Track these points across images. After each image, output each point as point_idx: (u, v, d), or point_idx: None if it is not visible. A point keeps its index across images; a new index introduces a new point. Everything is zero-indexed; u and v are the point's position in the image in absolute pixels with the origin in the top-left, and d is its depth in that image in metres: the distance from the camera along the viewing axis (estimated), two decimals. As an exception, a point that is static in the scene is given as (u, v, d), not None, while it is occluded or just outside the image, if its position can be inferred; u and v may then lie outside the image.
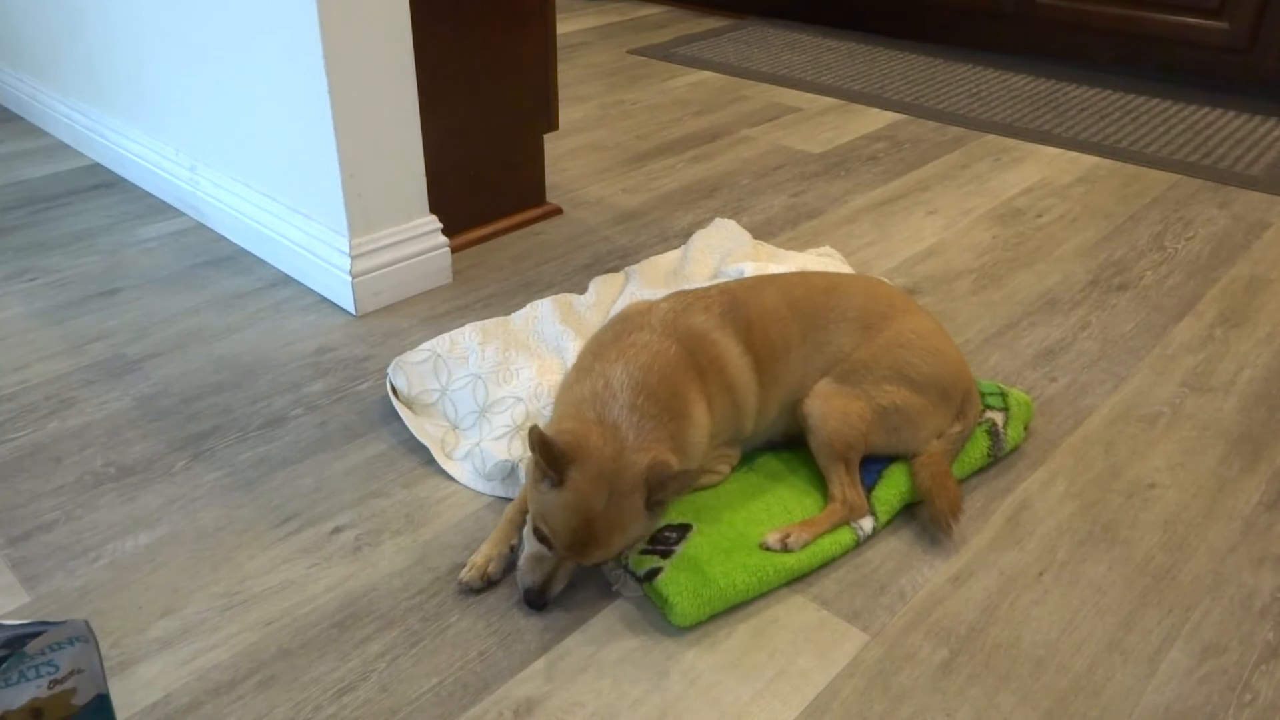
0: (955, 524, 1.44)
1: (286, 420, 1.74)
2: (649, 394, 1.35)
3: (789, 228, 2.47)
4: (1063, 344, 1.97)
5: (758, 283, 1.63)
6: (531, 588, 1.29)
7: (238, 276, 2.23)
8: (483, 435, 1.63)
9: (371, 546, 1.46)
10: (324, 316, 2.07)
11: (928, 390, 1.51)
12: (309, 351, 1.95)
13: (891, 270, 2.26)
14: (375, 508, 1.54)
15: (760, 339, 1.50)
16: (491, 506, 1.54)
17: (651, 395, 1.35)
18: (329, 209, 2.05)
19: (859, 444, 1.48)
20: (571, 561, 1.29)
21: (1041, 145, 2.99)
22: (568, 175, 2.81)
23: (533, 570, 1.29)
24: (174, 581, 1.39)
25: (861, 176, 2.79)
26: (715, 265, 2.13)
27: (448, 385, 1.73)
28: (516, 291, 2.17)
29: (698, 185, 2.74)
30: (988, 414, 1.63)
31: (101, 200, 2.62)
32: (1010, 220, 2.51)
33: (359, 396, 1.81)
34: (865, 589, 1.38)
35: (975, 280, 2.21)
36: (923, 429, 1.51)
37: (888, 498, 1.49)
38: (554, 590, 1.30)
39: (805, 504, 1.48)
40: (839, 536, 1.42)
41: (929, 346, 1.52)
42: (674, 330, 1.46)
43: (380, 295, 2.10)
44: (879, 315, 1.54)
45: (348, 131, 1.94)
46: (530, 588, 1.29)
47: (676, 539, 1.39)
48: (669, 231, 2.46)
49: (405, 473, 1.61)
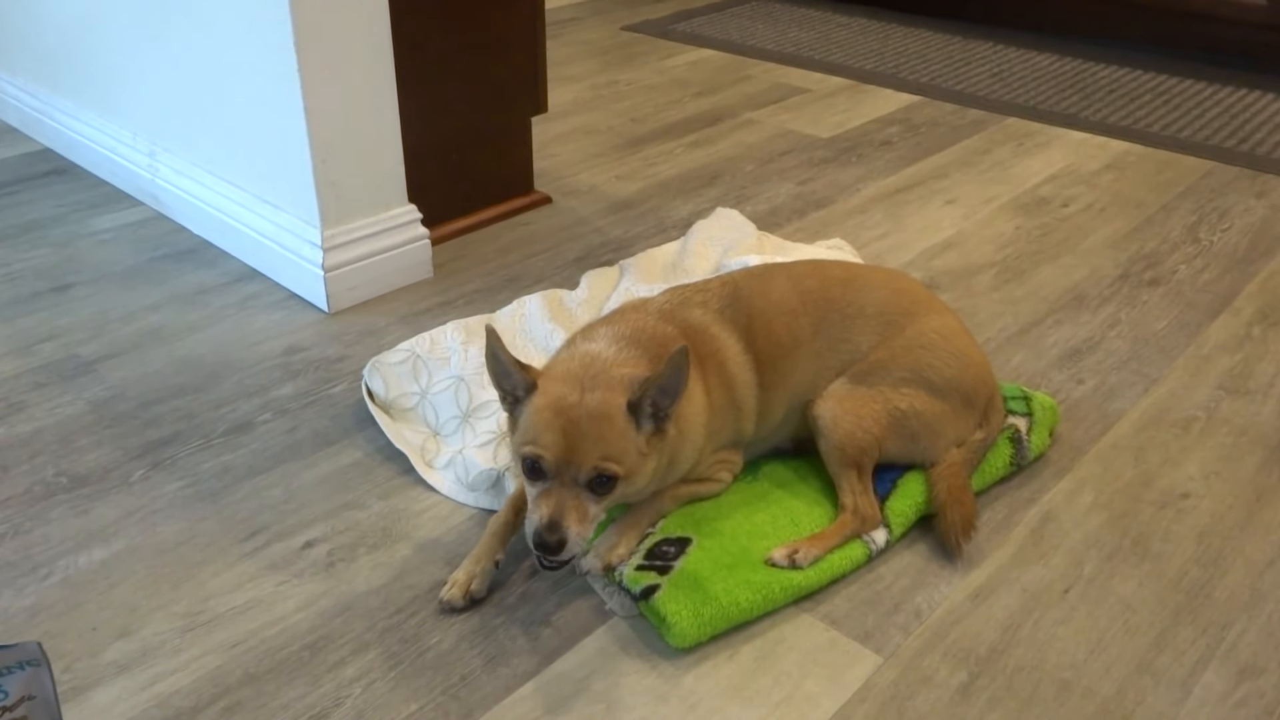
0: (966, 542, 1.44)
1: (253, 426, 1.74)
2: (637, 344, 1.38)
3: (796, 218, 2.47)
4: (1090, 343, 1.97)
5: (766, 272, 1.62)
6: (541, 526, 1.24)
7: (200, 271, 2.22)
8: (466, 442, 1.63)
9: (345, 562, 1.45)
10: (294, 314, 2.07)
11: (949, 395, 1.51)
12: (278, 352, 1.94)
13: (907, 264, 2.26)
14: (349, 520, 1.53)
15: (763, 334, 1.50)
16: (475, 519, 1.53)
17: (640, 346, 1.38)
18: (299, 198, 2.05)
19: (872, 450, 1.48)
20: (571, 485, 1.25)
21: (1067, 129, 2.99)
22: (557, 161, 2.80)
23: (537, 508, 1.26)
24: (131, 600, 1.39)
25: (874, 163, 2.78)
26: (717, 258, 2.13)
27: (428, 388, 1.73)
28: (502, 287, 2.16)
29: (698, 172, 2.73)
30: (1011, 419, 1.63)
31: (53, 188, 2.60)
32: (1034, 210, 2.51)
33: (332, 400, 1.80)
34: (878, 607, 1.38)
35: (996, 275, 2.22)
36: (942, 436, 1.52)
37: (902, 509, 1.48)
38: (569, 531, 1.24)
39: (814, 515, 1.48)
40: (850, 551, 1.43)
41: (953, 348, 1.52)
42: (671, 319, 1.47)
43: (355, 291, 2.09)
44: (901, 312, 1.54)
45: (319, 113, 1.94)
46: (540, 528, 1.24)
47: (675, 554, 1.39)
48: (667, 222, 2.45)
49: (382, 483, 1.61)
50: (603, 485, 1.27)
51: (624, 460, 1.28)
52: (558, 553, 1.25)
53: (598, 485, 1.27)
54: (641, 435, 1.30)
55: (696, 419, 1.41)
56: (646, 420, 1.30)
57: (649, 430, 1.31)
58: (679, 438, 1.38)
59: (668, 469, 1.40)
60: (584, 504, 1.27)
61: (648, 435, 1.30)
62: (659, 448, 1.33)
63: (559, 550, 1.25)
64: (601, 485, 1.27)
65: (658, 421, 1.31)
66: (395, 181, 2.11)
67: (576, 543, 1.26)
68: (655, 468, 1.35)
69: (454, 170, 2.36)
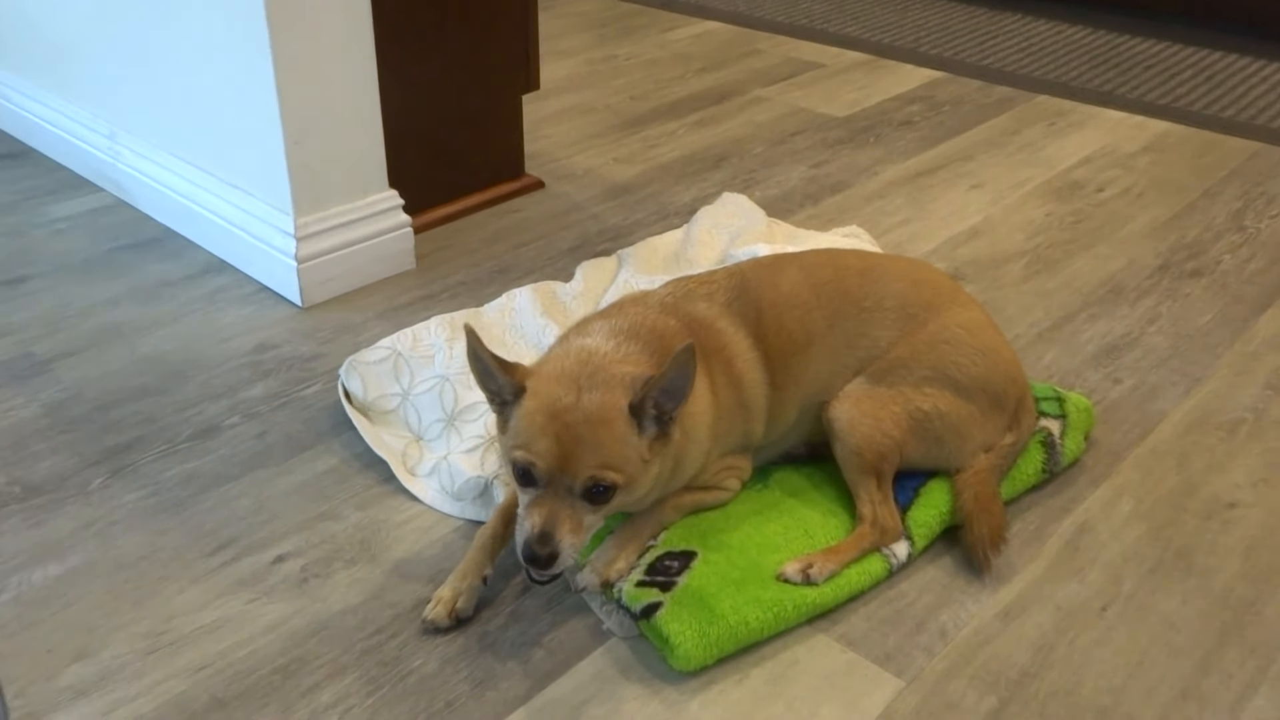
0: (995, 555, 1.44)
1: (220, 430, 1.73)
2: (638, 340, 1.38)
3: (809, 204, 2.46)
4: (1128, 339, 1.96)
5: (776, 262, 1.62)
6: (531, 537, 1.23)
7: (164, 262, 2.22)
8: (451, 447, 1.63)
9: (320, 578, 1.45)
10: (264, 308, 2.06)
11: (976, 395, 1.50)
12: (247, 349, 1.94)
13: (929, 253, 2.26)
14: (325, 533, 1.53)
15: (774, 329, 1.49)
16: (461, 531, 1.53)
17: (641, 340, 1.38)
18: (271, 183, 2.04)
19: (893, 455, 1.48)
20: (565, 494, 1.25)
21: (1102, 108, 2.99)
22: (550, 143, 2.79)
23: (529, 516, 1.25)
24: (89, 620, 1.38)
25: (893, 144, 2.78)
26: (723, 248, 2.13)
27: (410, 389, 1.72)
28: (490, 279, 2.16)
29: (703, 154, 2.73)
30: (1042, 422, 1.62)
31: (6, 174, 2.60)
32: (1067, 195, 2.50)
33: (305, 402, 1.80)
34: (899, 627, 1.37)
35: (1027, 265, 2.21)
36: (969, 440, 1.51)
37: (926, 519, 1.48)
38: (561, 544, 1.23)
39: (830, 527, 1.48)
40: (869, 565, 1.42)
41: (980, 344, 1.52)
42: (674, 313, 1.46)
43: (330, 283, 2.09)
44: (923, 305, 1.53)
45: (292, 91, 1.93)
46: (530, 539, 1.23)
47: (678, 569, 1.38)
48: (669, 208, 2.45)
49: (360, 491, 1.61)
50: (600, 494, 1.26)
51: (623, 468, 1.27)
52: (549, 566, 1.24)
53: (594, 494, 1.26)
54: (643, 440, 1.29)
55: (702, 421, 1.40)
56: (649, 424, 1.29)
57: (651, 435, 1.30)
58: (683, 441, 1.37)
59: (670, 476, 1.39)
60: (579, 514, 1.26)
61: (650, 440, 1.30)
62: (662, 453, 1.32)
63: (550, 563, 1.24)
64: (598, 494, 1.26)
65: (661, 425, 1.30)
66: (374, 165, 2.10)
67: (570, 555, 1.25)
68: (657, 475, 1.34)
69: (438, 153, 2.35)
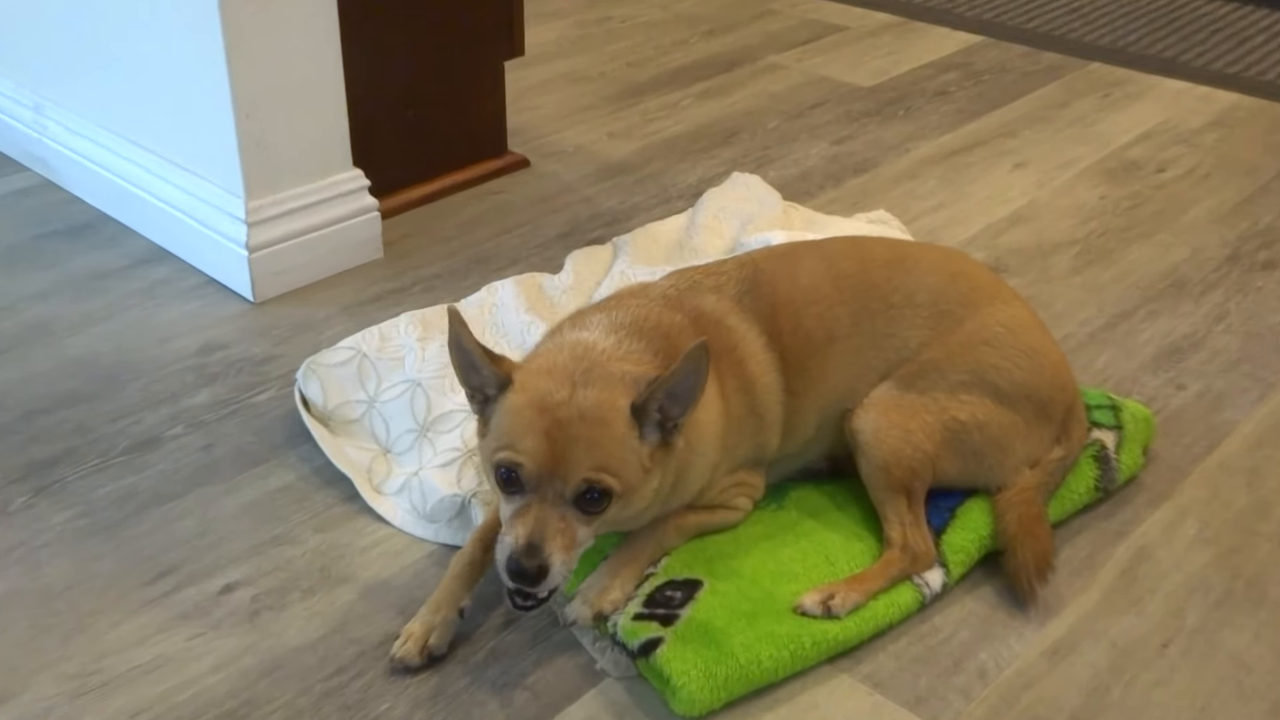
0: (1041, 585, 1.44)
1: (161, 442, 1.73)
2: (640, 336, 1.38)
3: (831, 185, 2.46)
4: (1193, 340, 1.97)
5: (792, 251, 1.61)
6: (518, 550, 1.22)
7: (98, 251, 2.21)
8: (423, 461, 1.63)
9: (274, 611, 1.45)
10: (211, 304, 2.06)
11: (1020, 403, 1.50)
12: (191, 350, 1.94)
13: (967, 242, 2.26)
14: (279, 559, 1.53)
15: (790, 327, 1.49)
16: (435, 557, 1.53)
17: (644, 338, 1.38)
18: (218, 161, 2.04)
19: (925, 471, 1.48)
20: (555, 501, 1.24)
21: (1163, 77, 2.99)
22: (536, 116, 2.80)
23: (513, 526, 1.25)
24: (10, 658, 1.38)
25: (927, 118, 2.78)
26: (733, 235, 2.13)
27: (376, 395, 1.72)
28: (468, 270, 2.16)
29: (709, 129, 2.73)
30: (1095, 434, 1.62)
31: (-85, 149, 2.61)
32: (1123, 176, 2.51)
33: (257, 411, 1.80)
34: (933, 666, 1.37)
35: (1078, 256, 2.21)
36: (1011, 454, 1.51)
37: (963, 544, 1.48)
38: (551, 558, 1.23)
39: (854, 552, 1.47)
40: (898, 596, 1.42)
41: (1024, 345, 1.52)
42: (679, 307, 1.46)
43: (286, 275, 2.09)
44: (959, 300, 1.53)
45: (244, 57, 1.93)
46: (515, 552, 1.22)
47: (682, 600, 1.38)
48: (671, 190, 2.45)
49: (319, 512, 1.61)
50: (594, 502, 1.26)
51: (621, 473, 1.27)
52: (537, 583, 1.23)
53: (588, 502, 1.26)
54: (645, 447, 1.29)
55: (709, 431, 1.40)
56: (652, 430, 1.29)
57: (654, 442, 1.30)
58: (687, 453, 1.37)
59: (672, 491, 1.40)
60: (571, 525, 1.26)
61: (651, 448, 1.30)
62: (664, 464, 1.32)
63: (539, 580, 1.23)
64: (592, 502, 1.26)
65: (664, 433, 1.31)
66: (337, 141, 2.10)
67: (561, 572, 1.25)
68: (656, 490, 1.34)
69: (409, 127, 2.35)
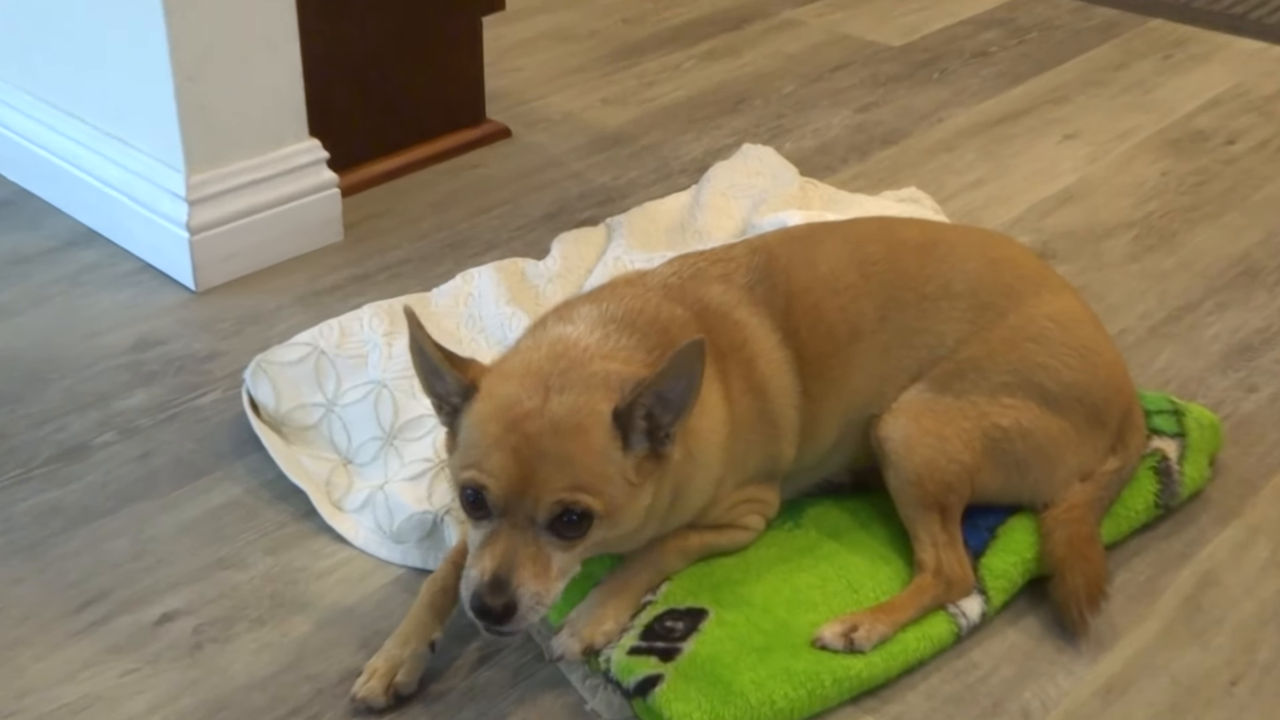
0: (1093, 615, 1.44)
1: (90, 451, 1.73)
2: (633, 330, 1.39)
3: (855, 159, 2.46)
4: (1266, 336, 1.96)
5: (812, 234, 1.61)
6: (481, 585, 1.23)
7: (17, 233, 2.21)
8: (389, 474, 1.62)
9: (219, 643, 1.44)
10: (147, 293, 2.06)
11: (1070, 408, 1.50)
12: (124, 346, 1.94)
13: (1010, 224, 2.25)
14: (224, 584, 1.52)
15: (808, 321, 1.49)
16: (402, 582, 1.52)
17: (637, 332, 1.39)
18: (156, 130, 2.04)
19: (962, 485, 1.48)
20: (527, 527, 1.24)
21: (1233, 36, 2.98)
22: (519, 79, 2.79)
23: (480, 558, 1.26)
24: (-83, 697, 1.38)
25: (964, 81, 2.77)
26: (743, 216, 2.13)
27: (336, 398, 1.72)
28: (441, 255, 2.16)
29: (717, 94, 2.72)
30: (1154, 443, 1.62)
31: None
32: (1188, 149, 2.50)
33: (200, 415, 1.80)
34: (970, 707, 1.37)
35: (1135, 239, 2.21)
36: (1060, 465, 1.51)
37: (1004, 569, 1.48)
38: (520, 591, 1.23)
39: (880, 578, 1.47)
40: (930, 627, 1.42)
41: (1075, 342, 1.52)
42: (680, 298, 1.46)
43: (233, 261, 2.09)
44: (1001, 291, 1.53)
45: (185, 11, 1.92)
46: (479, 587, 1.23)
47: (684, 631, 1.38)
48: (672, 164, 2.44)
49: (270, 531, 1.60)
50: (572, 526, 1.26)
51: (602, 491, 1.26)
52: (504, 621, 1.24)
53: (565, 526, 1.26)
54: (629, 458, 1.29)
55: (711, 440, 1.40)
56: (639, 439, 1.29)
57: (642, 452, 1.30)
58: (687, 465, 1.37)
59: (670, 509, 1.39)
60: (544, 552, 1.26)
61: (639, 459, 1.30)
62: (656, 478, 1.32)
63: (506, 619, 1.24)
64: (570, 526, 1.26)
65: (656, 443, 1.31)
66: (290, 107, 2.10)
67: (532, 608, 1.25)
68: (650, 507, 1.34)
69: (374, 92, 2.35)
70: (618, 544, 1.38)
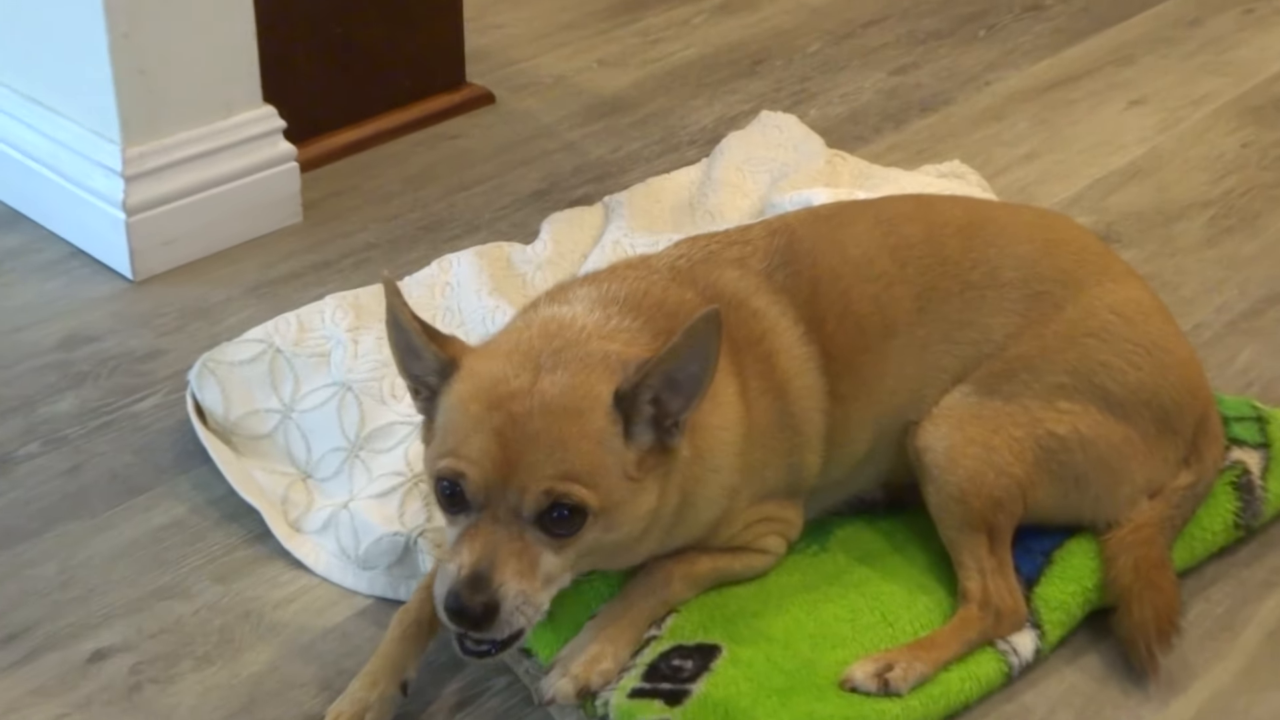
0: (1164, 652, 1.43)
1: (12, 463, 1.73)
2: (637, 311, 1.40)
3: (889, 128, 2.46)
4: (1364, 330, 1.97)
5: (840, 214, 1.61)
6: (459, 582, 1.23)
7: (-72, 213, 2.22)
8: (355, 490, 1.62)
9: (160, 684, 1.44)
10: (78, 283, 2.06)
11: (1136, 413, 1.50)
12: (51, 344, 1.94)
13: (1068, 202, 2.25)
14: (166, 617, 1.52)
15: (836, 312, 1.49)
16: (369, 614, 1.53)
17: (642, 314, 1.40)
18: (87, 96, 2.03)
19: (1013, 503, 1.48)
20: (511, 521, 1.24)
21: (1325, -14, 2.99)
22: (504, 37, 2.79)
23: (456, 554, 1.26)
24: None
25: (1015, 39, 2.77)
26: (762, 194, 2.13)
27: (294, 403, 1.72)
28: (415, 239, 2.16)
29: (730, 54, 2.72)
30: (1234, 454, 1.62)
31: None
32: (1272, 117, 2.50)
33: (138, 423, 1.80)
34: (1023, 758, 1.38)
35: (1212, 221, 2.21)
36: (1125, 480, 1.51)
37: (1061, 599, 1.48)
38: (502, 590, 1.23)
39: (918, 609, 1.48)
40: (977, 666, 1.42)
41: (1142, 338, 1.52)
42: (690, 282, 1.47)
43: (176, 246, 2.09)
44: (1058, 279, 1.54)
45: (119, -41, 1.93)
46: (456, 584, 1.23)
47: (693, 671, 1.38)
48: (679, 135, 2.44)
49: (218, 556, 1.60)
50: (562, 523, 1.26)
51: (598, 484, 1.26)
52: (484, 625, 1.23)
53: (554, 522, 1.25)
54: (632, 450, 1.29)
55: (725, 437, 1.40)
56: (643, 428, 1.29)
57: (646, 444, 1.30)
58: (696, 467, 1.37)
59: (677, 518, 1.39)
60: (531, 549, 1.25)
61: (642, 452, 1.29)
62: (661, 475, 1.32)
63: (486, 621, 1.23)
64: (560, 522, 1.26)
65: (662, 434, 1.30)
66: (242, 70, 2.10)
67: (517, 609, 1.24)
68: (654, 512, 1.33)
69: (337, 51, 2.35)
70: (615, 556, 1.37)
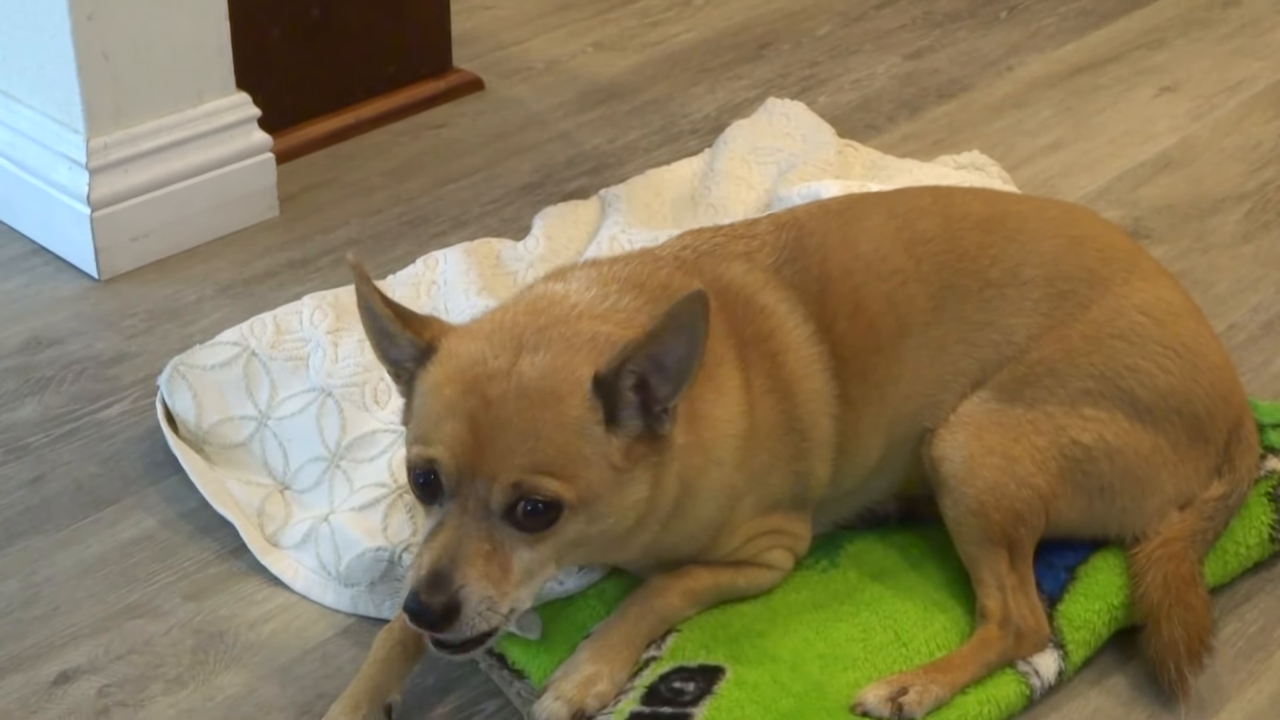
0: (1195, 674, 1.43)
1: (-30, 474, 1.74)
2: (640, 291, 1.41)
3: (905, 116, 2.46)
4: None
5: (851, 208, 1.62)
6: (419, 581, 1.23)
7: (-121, 207, 2.22)
8: (335, 502, 1.63)
9: (129, 708, 1.44)
10: (39, 282, 2.06)
11: (1166, 420, 1.51)
12: (12, 347, 1.94)
13: (1095, 196, 2.26)
14: (136, 637, 1.52)
15: (847, 310, 1.50)
16: (351, 634, 1.53)
17: (645, 294, 1.41)
18: (49, 82, 2.04)
19: (1035, 516, 1.48)
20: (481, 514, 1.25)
21: (1369, -35, 3.00)
22: (492, 19, 2.79)
23: (421, 552, 1.26)
24: None
25: (1039, 20, 2.78)
26: (768, 186, 2.13)
27: (271, 409, 1.72)
28: (398, 234, 2.17)
29: (735, 37, 2.72)
30: (1269, 463, 1.63)
31: None
32: (1312, 103, 2.52)
33: (105, 431, 1.80)
34: (1045, 785, 1.39)
35: (1248, 216, 2.21)
36: (1154, 491, 1.51)
37: (1086, 617, 1.48)
38: (465, 590, 1.23)
39: (934, 628, 1.48)
40: (996, 689, 1.42)
41: (1172, 340, 1.52)
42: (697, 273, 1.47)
43: (144, 242, 2.09)
44: (1083, 277, 1.54)
45: (84, -63, 1.94)
46: (416, 583, 1.23)
47: (695, 694, 1.38)
48: (680, 123, 2.45)
49: (191, 572, 1.60)
50: (534, 516, 1.26)
51: (574, 475, 1.27)
52: (443, 627, 1.24)
53: (525, 516, 1.26)
54: (614, 437, 1.29)
55: (728, 429, 1.41)
56: (630, 414, 1.29)
57: (633, 432, 1.30)
58: (696, 456, 1.37)
59: (675, 512, 1.39)
60: (502, 548, 1.26)
61: (629, 441, 1.30)
62: (654, 465, 1.32)
63: (445, 623, 1.23)
64: (532, 516, 1.26)
65: (650, 419, 1.31)
66: (214, 55, 2.10)
67: (480, 613, 1.24)
68: (647, 500, 1.33)
69: (316, 35, 2.35)
70: (607, 548, 1.38)
